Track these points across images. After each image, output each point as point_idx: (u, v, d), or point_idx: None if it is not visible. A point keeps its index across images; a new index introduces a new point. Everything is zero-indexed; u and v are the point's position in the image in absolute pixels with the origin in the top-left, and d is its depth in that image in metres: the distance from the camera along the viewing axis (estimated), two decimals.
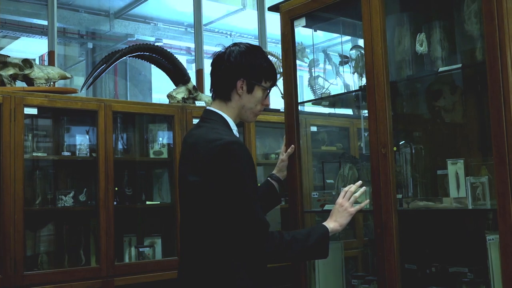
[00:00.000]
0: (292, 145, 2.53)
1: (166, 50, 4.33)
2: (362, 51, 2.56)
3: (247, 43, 2.18)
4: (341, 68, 3.02)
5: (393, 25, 2.58)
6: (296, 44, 2.82)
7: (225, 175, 1.91)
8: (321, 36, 4.44)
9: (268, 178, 2.47)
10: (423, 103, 2.73)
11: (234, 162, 1.92)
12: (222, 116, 2.09)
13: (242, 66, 2.08)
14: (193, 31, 6.35)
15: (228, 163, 1.91)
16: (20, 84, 3.71)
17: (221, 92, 2.12)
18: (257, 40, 6.37)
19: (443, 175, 2.26)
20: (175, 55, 4.36)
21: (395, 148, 2.34)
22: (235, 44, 2.17)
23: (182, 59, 7.19)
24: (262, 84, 2.11)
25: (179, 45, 8.55)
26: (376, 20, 2.29)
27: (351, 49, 2.85)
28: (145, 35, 7.91)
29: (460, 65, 2.28)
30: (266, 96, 2.15)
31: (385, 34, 2.30)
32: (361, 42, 2.61)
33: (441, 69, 2.34)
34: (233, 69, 2.08)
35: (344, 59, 2.92)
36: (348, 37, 3.33)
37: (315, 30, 3.02)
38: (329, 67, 3.12)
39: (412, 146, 2.48)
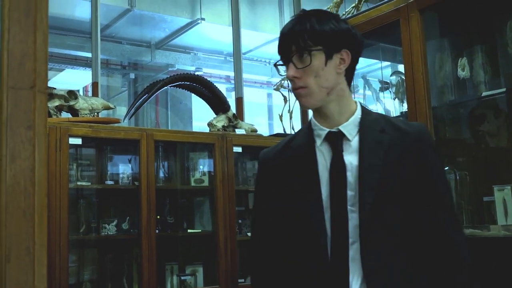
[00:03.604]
0: None
1: (206, 79, 4.38)
2: (403, 77, 2.54)
3: None
4: (381, 94, 3.00)
5: (434, 50, 2.56)
6: None
7: None
8: (360, 62, 4.42)
9: None
10: (467, 128, 2.68)
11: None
12: None
13: None
14: (232, 60, 6.43)
15: None
16: (65, 115, 3.80)
17: None
18: None
19: (489, 201, 2.21)
20: (214, 83, 4.41)
21: None
22: None
23: (222, 87, 7.27)
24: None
25: (218, 74, 8.64)
26: (417, 46, 2.28)
27: (391, 75, 2.84)
28: (186, 64, 8.03)
29: (504, 89, 2.24)
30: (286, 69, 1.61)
31: (425, 59, 2.28)
32: (401, 68, 2.60)
33: (484, 93, 2.30)
34: None
35: (384, 85, 2.91)
36: (388, 63, 3.31)
37: None
38: (368, 92, 3.11)
39: (456, 172, 2.43)
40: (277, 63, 1.60)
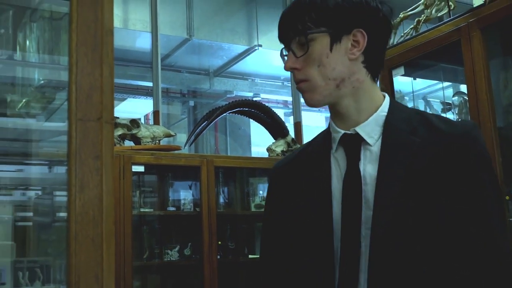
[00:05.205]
0: None
1: (264, 104, 4.41)
2: (465, 97, 2.48)
3: None
4: (443, 115, 2.94)
5: (497, 69, 2.49)
6: (395, 93, 2.78)
7: None
8: (420, 83, 4.36)
9: None
10: None
11: None
12: None
13: None
14: (289, 85, 6.46)
15: None
16: (128, 143, 3.89)
17: None
18: None
19: None
20: (272, 109, 4.43)
21: (507, 197, 2.22)
22: None
23: (280, 112, 7.30)
24: None
25: (276, 99, 8.69)
26: (479, 65, 2.22)
27: (453, 95, 2.78)
28: (244, 91, 8.12)
29: None
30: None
31: (489, 79, 2.22)
32: (463, 88, 2.54)
33: None
34: None
35: (447, 106, 2.85)
36: (449, 83, 3.25)
37: (415, 78, 2.98)
38: None
39: None
40: (282, 53, 1.25)
